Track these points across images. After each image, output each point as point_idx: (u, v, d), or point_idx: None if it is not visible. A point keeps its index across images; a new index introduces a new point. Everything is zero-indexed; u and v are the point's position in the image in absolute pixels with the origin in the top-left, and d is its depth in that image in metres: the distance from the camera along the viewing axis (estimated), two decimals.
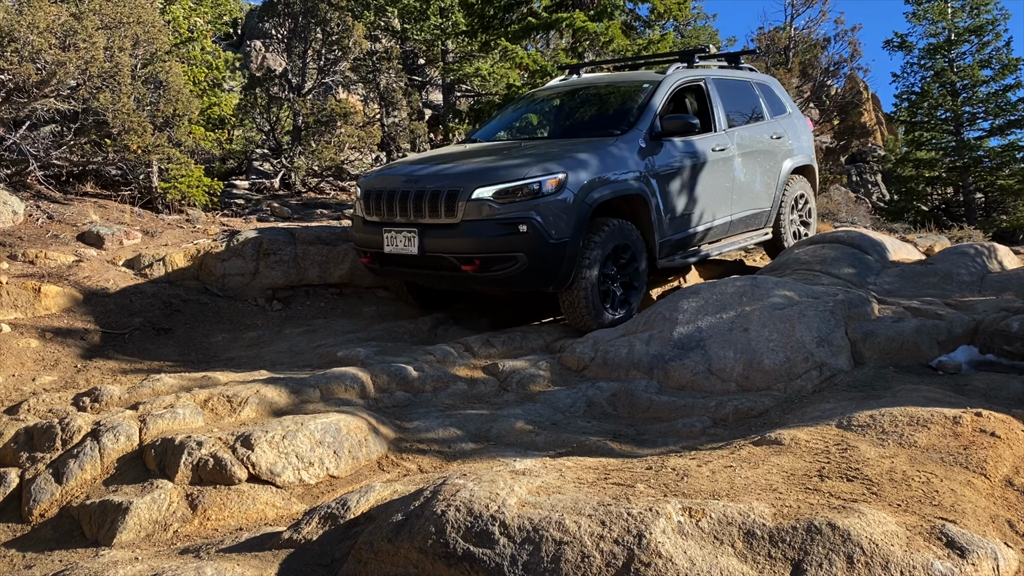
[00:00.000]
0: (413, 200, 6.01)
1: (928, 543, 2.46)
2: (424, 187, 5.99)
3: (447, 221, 5.87)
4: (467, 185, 5.82)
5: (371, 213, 6.39)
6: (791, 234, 8.58)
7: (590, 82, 7.97)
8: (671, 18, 17.90)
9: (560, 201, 5.81)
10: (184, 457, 3.93)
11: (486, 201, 5.76)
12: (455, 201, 5.81)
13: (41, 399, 4.84)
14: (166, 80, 8.88)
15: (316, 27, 14.39)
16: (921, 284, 6.83)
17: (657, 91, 7.08)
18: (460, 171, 6.06)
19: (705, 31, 32.90)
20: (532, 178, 5.79)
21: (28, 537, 3.77)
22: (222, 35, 20.82)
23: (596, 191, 6.01)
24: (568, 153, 6.15)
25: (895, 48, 28.24)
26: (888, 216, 24.73)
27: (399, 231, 6.09)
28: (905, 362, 5.21)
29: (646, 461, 3.53)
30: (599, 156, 6.22)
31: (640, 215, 6.53)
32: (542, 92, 8.37)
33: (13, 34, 6.88)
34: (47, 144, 8.46)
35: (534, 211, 5.72)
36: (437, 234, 5.92)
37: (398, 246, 6.11)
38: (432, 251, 5.97)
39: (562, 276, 5.90)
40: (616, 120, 6.95)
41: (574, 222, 5.86)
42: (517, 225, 5.71)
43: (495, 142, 7.48)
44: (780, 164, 8.33)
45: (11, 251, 7.05)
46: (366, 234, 6.44)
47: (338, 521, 3.20)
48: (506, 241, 5.73)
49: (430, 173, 6.16)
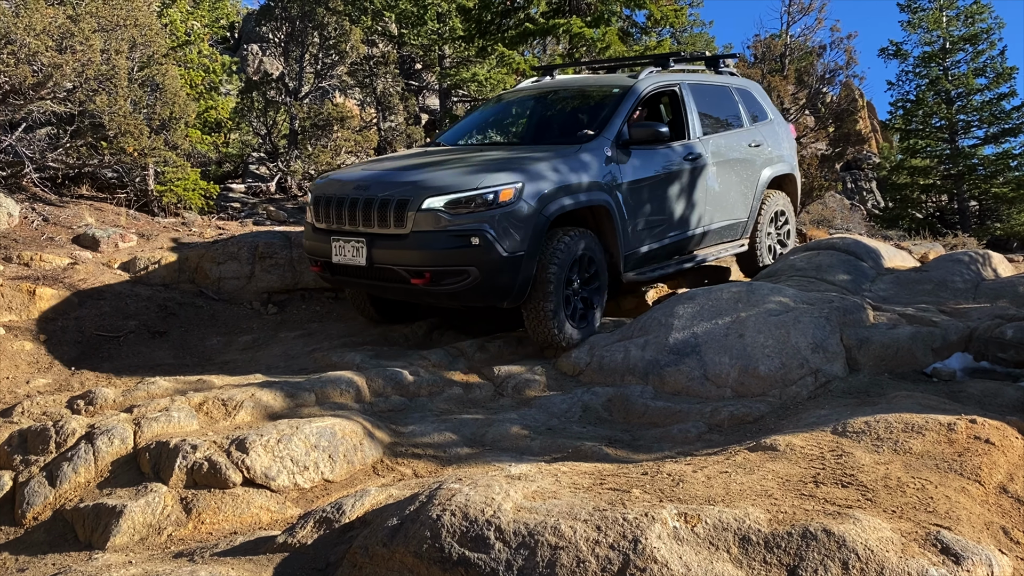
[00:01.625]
0: (362, 208, 5.71)
1: (923, 549, 2.47)
2: (374, 195, 5.69)
3: (396, 231, 5.56)
4: (417, 194, 5.51)
5: (320, 220, 6.07)
6: (767, 247, 8.24)
7: (561, 85, 7.63)
8: (667, 25, 17.96)
9: (515, 212, 5.49)
10: (179, 460, 3.92)
11: (437, 211, 5.44)
12: (405, 210, 5.50)
13: (35, 402, 4.82)
14: (163, 83, 8.88)
15: (313, 31, 14.40)
16: (916, 291, 6.84)
17: (626, 97, 6.71)
18: (411, 179, 5.73)
19: (701, 38, 32.98)
20: (485, 188, 5.47)
21: (21, 540, 3.76)
22: (219, 38, 20.82)
23: (555, 202, 5.70)
24: (527, 162, 5.83)
25: (890, 56, 28.37)
26: (883, 223, 24.80)
27: (347, 240, 5.80)
28: (900, 369, 5.22)
29: (642, 466, 3.53)
30: (560, 165, 5.87)
31: (604, 227, 6.22)
32: (512, 94, 8.01)
33: (10, 36, 6.88)
34: (43, 146, 8.45)
35: (487, 223, 5.41)
36: (386, 245, 5.62)
37: (346, 256, 5.81)
38: (380, 262, 5.66)
39: (517, 291, 5.59)
40: (583, 126, 6.59)
41: (530, 235, 5.54)
42: (469, 238, 5.39)
43: (457, 147, 7.17)
44: (758, 173, 7.99)
45: (6, 253, 7.04)
46: (315, 242, 6.14)
47: (333, 525, 3.19)
48: (457, 254, 5.42)
49: (381, 180, 5.85)
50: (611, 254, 6.26)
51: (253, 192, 13.10)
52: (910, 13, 27.89)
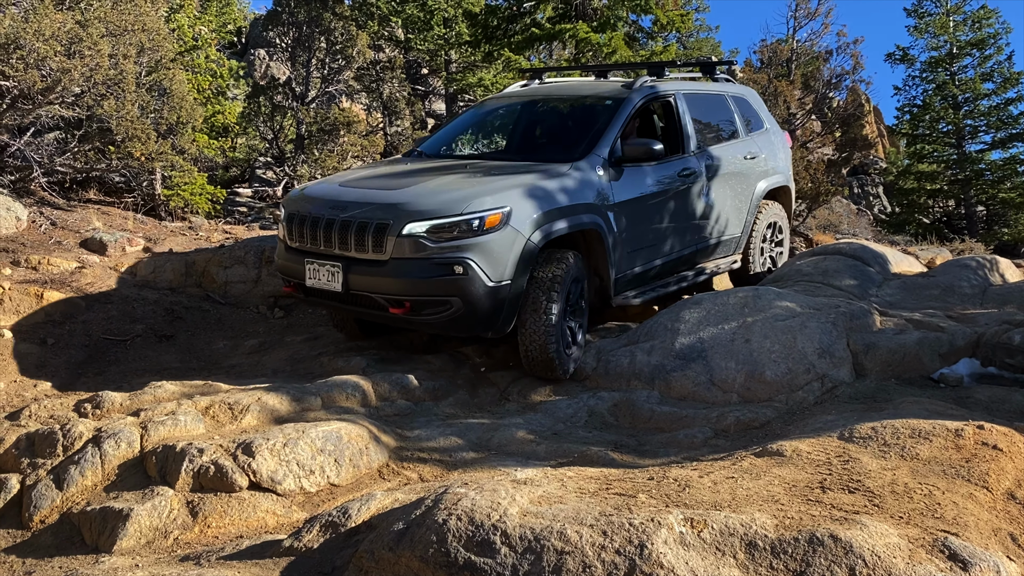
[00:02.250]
0: (338, 230, 5.33)
1: (930, 556, 2.46)
2: (351, 216, 5.31)
3: (375, 257, 5.21)
4: (398, 218, 5.15)
5: (293, 239, 5.67)
6: (760, 263, 7.92)
7: (549, 93, 7.18)
8: (674, 30, 17.98)
9: (501, 239, 5.15)
10: (185, 464, 3.93)
11: (418, 237, 5.10)
12: (384, 235, 5.15)
13: (43, 405, 4.84)
14: (170, 88, 8.92)
15: (320, 36, 14.45)
16: (923, 296, 6.83)
17: (620, 110, 6.32)
18: (391, 200, 5.35)
19: (707, 42, 33.02)
20: (471, 214, 5.11)
21: (29, 543, 3.77)
22: (226, 43, 20.90)
23: (544, 227, 5.35)
24: (514, 183, 5.47)
25: (897, 61, 28.36)
26: (890, 228, 24.75)
27: (322, 264, 5.43)
28: (907, 374, 5.21)
29: (648, 471, 3.52)
30: (549, 186, 5.52)
31: (595, 249, 5.87)
32: (499, 100, 7.61)
33: (19, 41, 6.91)
34: (51, 151, 8.48)
35: (471, 251, 5.08)
36: (363, 271, 5.27)
37: (320, 280, 5.45)
38: (357, 289, 5.31)
39: (502, 322, 5.29)
40: (573, 141, 6.23)
41: (517, 263, 5.21)
42: (452, 266, 5.07)
43: (439, 160, 6.67)
44: (753, 186, 7.66)
45: (14, 257, 7.07)
46: (288, 262, 5.74)
47: (339, 529, 3.19)
48: (439, 284, 5.10)
49: (359, 199, 5.49)
50: (600, 277, 5.97)
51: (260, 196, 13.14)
52: (917, 18, 27.89)
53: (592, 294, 5.95)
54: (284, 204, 5.93)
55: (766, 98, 18.76)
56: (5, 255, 7.09)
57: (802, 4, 22.57)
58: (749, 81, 19.40)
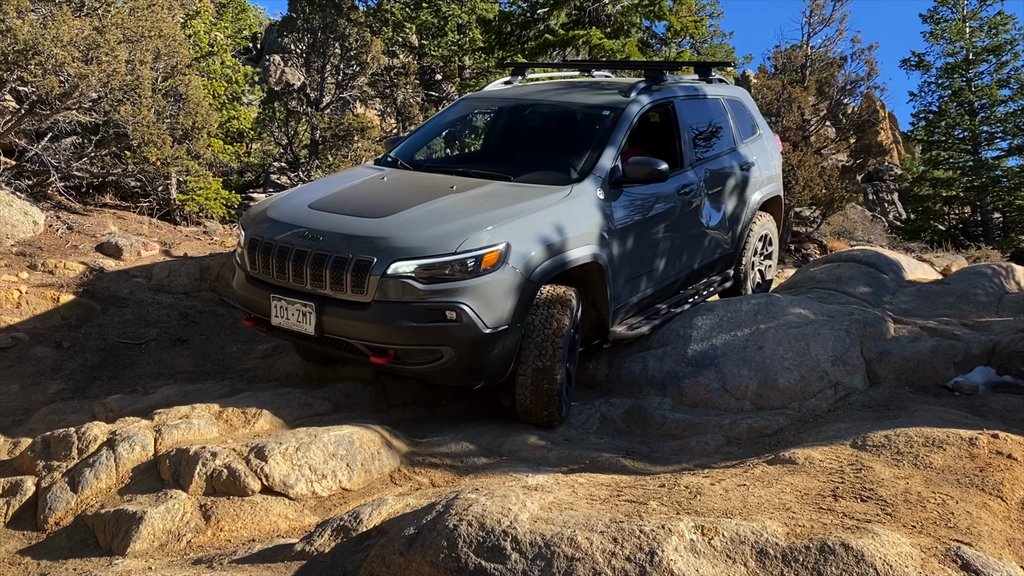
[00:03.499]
0: (311, 264, 4.70)
1: (943, 565, 2.44)
2: (326, 248, 4.68)
3: (354, 298, 4.61)
4: (382, 255, 4.55)
5: (256, 268, 5.01)
6: (752, 280, 7.37)
7: (539, 97, 6.50)
8: (687, 36, 17.98)
9: (499, 280, 4.60)
10: (198, 468, 3.95)
11: (405, 278, 4.51)
12: (365, 274, 4.55)
13: (58, 408, 4.88)
14: (186, 93, 8.99)
15: (335, 42, 14.54)
16: (937, 304, 6.79)
17: (620, 123, 5.73)
18: (373, 231, 4.72)
19: (721, 48, 32.97)
20: (465, 252, 4.53)
21: (43, 545, 3.79)
22: (242, 49, 21.05)
23: (545, 263, 4.79)
24: (511, 212, 4.88)
25: (912, 67, 28.22)
26: (904, 235, 24.62)
27: (291, 302, 4.77)
28: (921, 382, 5.18)
29: (659, 479, 3.52)
30: (550, 215, 4.96)
31: (593, 281, 5.29)
32: (480, 101, 6.99)
33: (37, 47, 6.99)
34: (68, 155, 8.56)
35: (465, 294, 4.52)
36: (340, 313, 4.66)
37: (289, 320, 4.80)
38: (333, 333, 4.71)
39: (497, 371, 4.76)
40: (570, 158, 5.64)
41: (515, 305, 4.67)
42: (443, 312, 4.52)
43: (418, 172, 5.93)
44: (748, 198, 7.14)
45: (31, 261, 7.13)
46: (250, 294, 5.08)
47: (350, 534, 3.20)
48: (428, 331, 4.54)
49: (336, 228, 4.82)
50: (598, 310, 5.42)
51: None
52: (933, 24, 27.75)
53: (587, 327, 5.42)
54: (244, 225, 5.24)
55: (779, 104, 18.73)
56: (22, 259, 7.16)
57: (816, 10, 22.50)
58: (763, 87, 19.37)
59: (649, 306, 6.05)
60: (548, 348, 4.76)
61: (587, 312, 5.34)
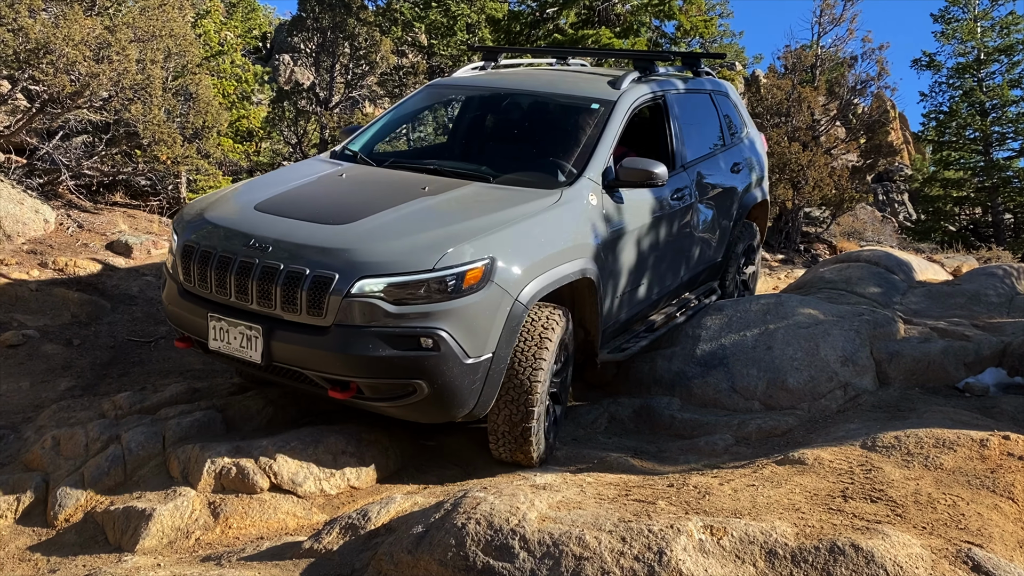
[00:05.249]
0: (258, 279, 3.94)
1: (953, 567, 2.43)
2: (277, 260, 3.92)
3: (310, 321, 3.87)
4: (345, 271, 3.82)
5: (191, 280, 4.22)
6: (736, 289, 6.90)
7: (519, 86, 5.80)
8: (697, 35, 17.95)
9: (483, 302, 3.90)
10: (207, 465, 3.96)
11: (373, 299, 3.79)
12: (325, 293, 3.82)
13: (67, 404, 4.90)
14: (196, 92, 9.01)
15: (344, 42, 14.56)
16: (948, 305, 6.76)
17: (612, 119, 5.11)
18: (334, 241, 4.00)
19: (731, 48, 32.90)
20: (444, 269, 3.82)
21: (53, 541, 3.81)
22: (252, 48, 21.10)
23: (534, 281, 4.11)
24: (495, 221, 4.19)
25: (923, 67, 28.09)
26: (915, 236, 24.52)
27: (233, 324, 4.02)
28: (931, 383, 5.16)
29: (667, 478, 3.52)
30: (539, 224, 4.33)
31: (583, 298, 4.67)
32: (449, 89, 6.20)
33: (49, 46, 7.02)
34: (79, 154, 8.60)
35: (444, 319, 3.81)
36: (294, 339, 3.91)
37: (231, 345, 4.05)
38: (284, 362, 3.98)
39: (478, 406, 4.03)
40: (556, 157, 5.02)
41: (501, 330, 3.97)
42: (418, 339, 3.80)
43: (383, 170, 5.17)
44: (737, 203, 6.59)
45: (41, 259, 7.16)
46: (183, 310, 4.30)
47: (358, 532, 3.21)
48: (400, 362, 3.80)
49: (287, 236, 4.06)
50: (587, 331, 4.80)
51: None
52: (944, 24, 27.62)
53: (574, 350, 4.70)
54: (177, 229, 4.47)
55: (789, 104, 18.66)
56: (33, 256, 7.19)
57: (827, 10, 22.41)
58: (773, 87, 19.30)
59: (635, 325, 5.48)
60: (527, 378, 4.11)
61: (576, 334, 4.74)
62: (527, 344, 4.13)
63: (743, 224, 6.80)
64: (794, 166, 17.38)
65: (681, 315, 5.91)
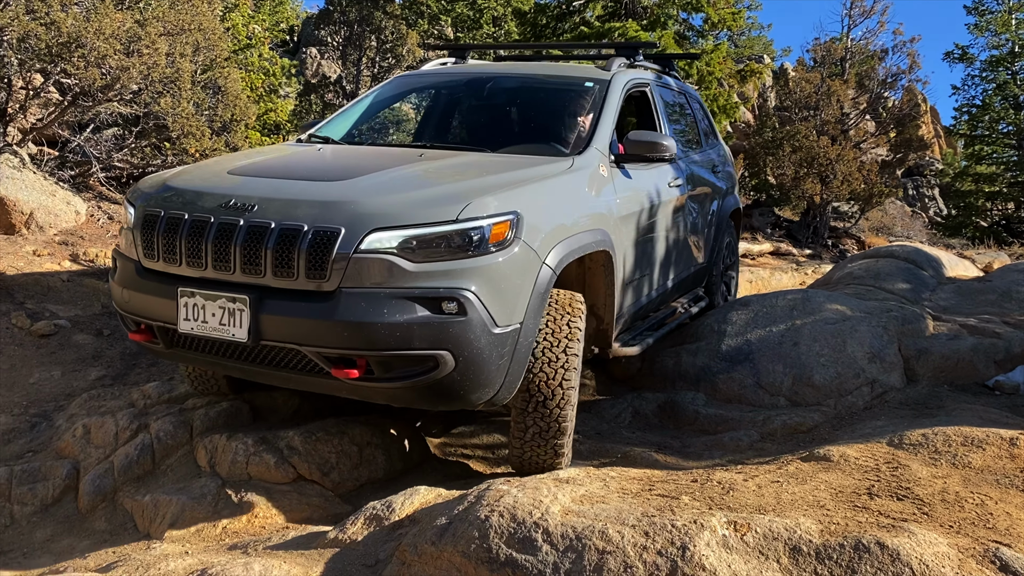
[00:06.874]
0: (242, 242, 3.40)
1: (980, 567, 2.41)
2: (265, 217, 3.41)
3: (309, 286, 3.33)
4: (353, 223, 3.32)
5: (154, 255, 3.64)
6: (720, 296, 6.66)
7: (501, 72, 5.51)
8: (725, 28, 17.82)
9: (512, 261, 3.45)
10: (234, 455, 4.01)
11: (386, 256, 3.30)
12: (328, 251, 3.29)
13: (98, 393, 4.97)
14: (224, 86, 9.08)
15: (371, 35, 14.61)
16: (978, 301, 6.67)
17: (609, 95, 4.81)
18: (334, 194, 3.54)
19: (759, 41, 32.61)
20: (468, 221, 3.37)
21: (83, 528, 3.88)
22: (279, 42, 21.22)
23: (560, 245, 3.70)
24: (512, 180, 3.80)
25: (956, 60, 27.70)
26: (945, 231, 24.22)
27: (211, 297, 3.45)
28: (960, 381, 5.10)
29: (691, 474, 3.50)
30: (556, 188, 3.97)
31: (594, 280, 4.25)
32: (421, 79, 5.81)
33: (80, 39, 7.10)
34: (109, 146, 8.70)
35: (470, 278, 3.34)
36: (289, 309, 3.35)
37: (208, 324, 3.46)
38: (276, 339, 3.39)
39: (505, 385, 3.54)
40: (556, 132, 4.73)
41: (530, 296, 3.52)
42: (440, 303, 3.30)
43: (365, 147, 4.87)
44: (719, 204, 6.33)
45: (72, 250, 7.26)
46: (142, 292, 3.70)
47: (383, 523, 3.23)
48: (420, 331, 3.28)
49: (275, 193, 3.59)
50: (599, 318, 4.36)
51: None
52: (977, 16, 27.21)
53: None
54: (133, 199, 3.90)
55: (818, 98, 18.47)
56: (64, 248, 7.30)
57: (857, 2, 22.15)
58: (802, 80, 19.11)
59: (639, 321, 5.12)
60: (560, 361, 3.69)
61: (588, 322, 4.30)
62: (556, 326, 3.72)
63: (727, 227, 6.61)
64: (822, 160, 17.21)
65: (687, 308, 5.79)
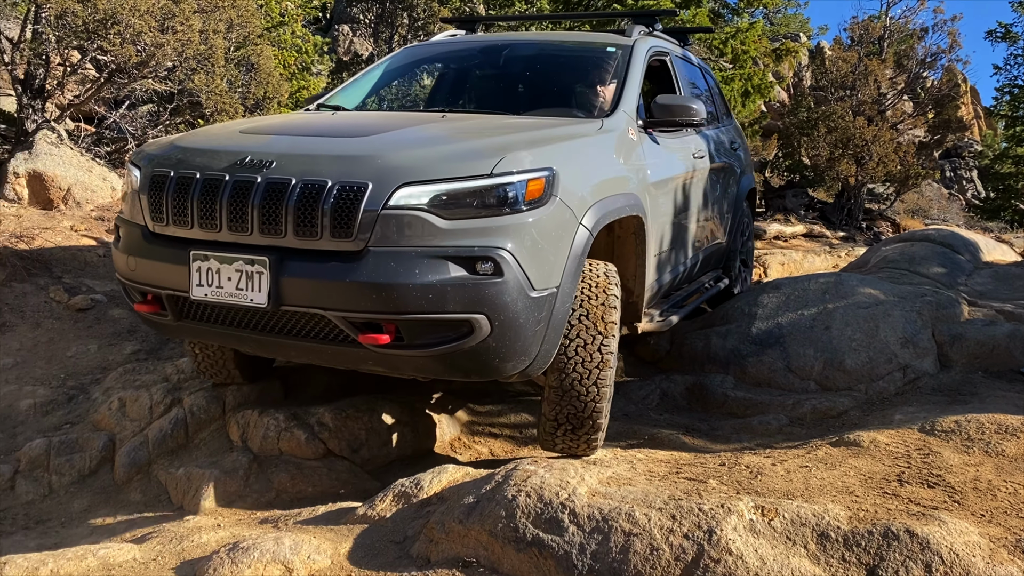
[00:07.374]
0: (261, 200, 3.19)
1: (1013, 556, 2.38)
2: (285, 173, 3.21)
3: (336, 247, 3.12)
4: (379, 177, 3.12)
5: (163, 218, 3.43)
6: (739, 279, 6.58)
7: (517, 39, 5.36)
8: (760, 6, 17.53)
9: (548, 220, 3.25)
10: (265, 430, 4.07)
11: (417, 212, 3.09)
12: (355, 207, 3.09)
13: (133, 367, 5.06)
14: (257, 63, 9.12)
15: (403, 12, 14.57)
16: (1016, 287, 6.56)
17: (633, 60, 4.64)
18: (358, 148, 3.39)
19: (795, 19, 32.06)
20: (503, 175, 3.16)
21: (119, 500, 3.96)
22: (311, 19, 21.24)
23: (596, 206, 3.50)
24: (544, 138, 3.62)
25: (998, 39, 27.01)
26: (983, 214, 23.76)
27: (227, 260, 3.25)
28: (995, 368, 5.02)
29: (719, 457, 3.50)
30: (589, 147, 3.78)
31: (623, 249, 4.10)
32: (433, 48, 5.66)
33: (116, 17, 7.17)
34: (144, 123, 8.79)
35: (506, 236, 3.13)
36: (312, 270, 3.14)
37: (224, 288, 3.26)
38: (298, 303, 3.19)
39: (541, 354, 3.34)
40: (580, 96, 4.59)
41: (567, 259, 3.32)
42: (475, 262, 3.09)
43: (380, 112, 4.82)
44: (737, 183, 6.23)
45: (108, 226, 7.36)
46: (150, 258, 3.50)
47: (411, 500, 3.27)
48: (455, 292, 3.06)
49: (295, 149, 3.46)
50: (628, 290, 4.16)
51: None
52: None
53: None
54: (138, 162, 3.67)
55: (855, 77, 18.14)
56: (101, 223, 7.40)
57: None
58: (839, 59, 18.78)
59: (672, 295, 5.04)
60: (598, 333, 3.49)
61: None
62: (593, 293, 3.52)
63: (742, 207, 6.51)
64: (858, 141, 16.93)
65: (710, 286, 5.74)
